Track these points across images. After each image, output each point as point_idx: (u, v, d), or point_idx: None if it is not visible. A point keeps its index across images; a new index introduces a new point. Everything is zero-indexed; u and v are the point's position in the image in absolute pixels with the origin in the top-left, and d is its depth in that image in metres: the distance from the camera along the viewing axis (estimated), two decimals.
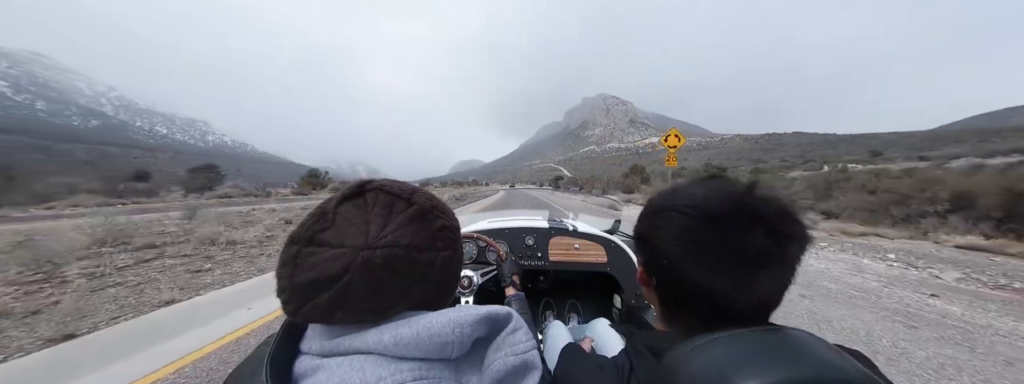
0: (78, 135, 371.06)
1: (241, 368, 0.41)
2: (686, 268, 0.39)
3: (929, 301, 3.17)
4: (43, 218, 9.62)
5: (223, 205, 14.66)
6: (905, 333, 2.48)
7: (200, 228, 6.45)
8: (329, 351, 0.35)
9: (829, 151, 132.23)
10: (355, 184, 0.41)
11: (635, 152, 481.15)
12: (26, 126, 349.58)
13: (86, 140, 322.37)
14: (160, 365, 2.01)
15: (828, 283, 3.74)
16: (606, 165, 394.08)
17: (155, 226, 6.96)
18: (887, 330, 2.52)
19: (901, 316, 2.79)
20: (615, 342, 0.82)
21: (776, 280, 0.38)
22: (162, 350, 2.19)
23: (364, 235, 0.35)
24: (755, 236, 0.37)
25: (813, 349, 0.32)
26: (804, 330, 0.34)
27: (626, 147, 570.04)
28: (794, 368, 0.29)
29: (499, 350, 0.37)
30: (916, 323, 2.65)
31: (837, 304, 3.09)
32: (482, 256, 1.40)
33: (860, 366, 0.31)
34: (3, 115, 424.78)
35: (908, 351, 2.21)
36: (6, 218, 9.90)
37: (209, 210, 9.55)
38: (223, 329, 2.51)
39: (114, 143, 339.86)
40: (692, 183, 0.44)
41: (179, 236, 6.08)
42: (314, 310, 0.34)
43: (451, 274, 0.43)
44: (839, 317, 2.77)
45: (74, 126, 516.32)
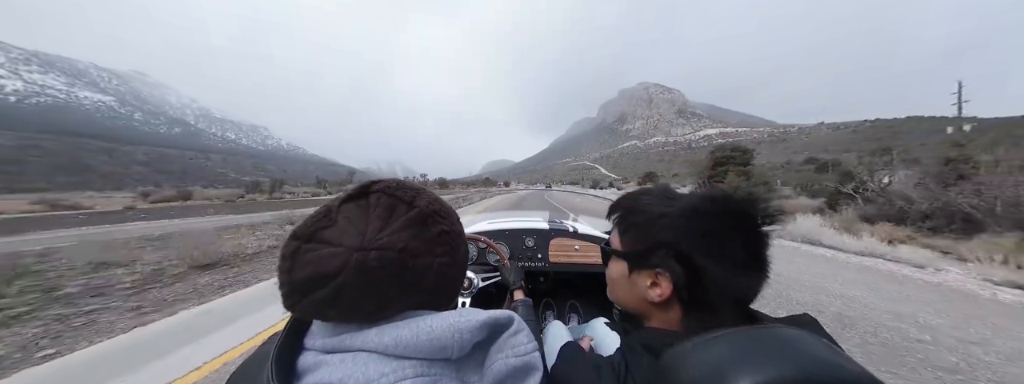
0: (161, 140, 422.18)
1: (247, 363, 0.41)
2: (716, 273, 0.42)
3: None
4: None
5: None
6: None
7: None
8: (331, 348, 0.36)
9: (984, 140, 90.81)
10: (361, 184, 0.41)
11: (686, 147, 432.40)
12: (121, 134, 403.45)
13: (164, 145, 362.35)
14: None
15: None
16: (653, 162, 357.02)
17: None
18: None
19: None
20: (613, 341, 0.83)
21: (756, 276, 0.42)
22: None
23: (361, 236, 0.35)
24: (738, 237, 0.42)
25: (811, 347, 0.32)
26: (801, 329, 0.35)
27: (674, 140, 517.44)
28: (792, 366, 0.29)
29: (500, 351, 0.37)
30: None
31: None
32: (482, 257, 1.39)
33: (858, 364, 0.30)
34: (109, 125, 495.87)
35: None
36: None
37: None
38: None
39: (190, 147, 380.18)
40: (691, 193, 0.48)
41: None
42: (309, 306, 0.34)
43: (449, 280, 0.42)
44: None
45: (161, 133, 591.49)
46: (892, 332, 2.72)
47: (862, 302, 3.44)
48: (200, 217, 16.28)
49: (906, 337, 2.63)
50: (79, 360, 2.40)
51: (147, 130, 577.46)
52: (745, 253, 0.42)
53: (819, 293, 3.74)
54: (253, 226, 9.23)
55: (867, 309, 3.23)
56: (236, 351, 2.46)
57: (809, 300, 3.53)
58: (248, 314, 3.18)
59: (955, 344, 2.52)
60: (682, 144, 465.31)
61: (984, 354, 2.38)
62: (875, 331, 2.75)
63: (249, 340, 2.63)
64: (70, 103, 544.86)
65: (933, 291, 3.84)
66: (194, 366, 2.23)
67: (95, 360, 2.39)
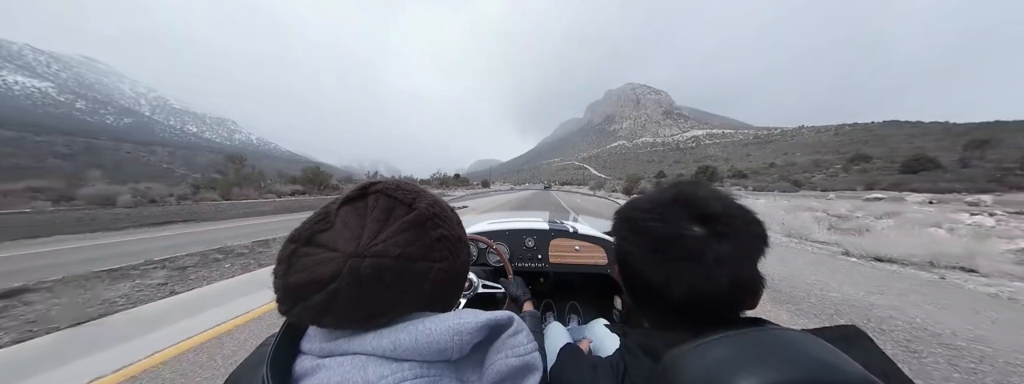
0: (103, 132, 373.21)
1: (242, 367, 0.40)
2: (635, 263, 0.44)
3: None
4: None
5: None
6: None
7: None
8: (328, 352, 0.35)
9: (963, 143, 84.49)
10: (359, 186, 0.40)
11: (675, 147, 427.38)
12: (55, 124, 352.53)
13: (107, 136, 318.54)
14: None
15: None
16: (642, 162, 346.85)
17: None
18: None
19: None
20: (612, 342, 0.82)
21: (705, 272, 0.39)
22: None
23: (356, 241, 0.35)
24: (689, 231, 0.40)
25: (811, 349, 0.31)
26: (801, 331, 0.34)
27: (662, 141, 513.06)
28: (792, 369, 0.29)
29: (500, 351, 0.37)
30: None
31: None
32: (482, 258, 1.41)
33: (858, 366, 0.30)
34: (40, 113, 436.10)
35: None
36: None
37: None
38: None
39: (139, 140, 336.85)
40: (654, 189, 0.49)
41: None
42: (304, 311, 0.34)
43: (447, 285, 0.41)
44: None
45: (107, 124, 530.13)
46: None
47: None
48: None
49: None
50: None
51: (89, 120, 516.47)
52: (658, 238, 0.41)
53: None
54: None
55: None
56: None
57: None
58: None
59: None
60: (671, 145, 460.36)
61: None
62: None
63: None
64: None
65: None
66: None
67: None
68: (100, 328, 2.41)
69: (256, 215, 11.64)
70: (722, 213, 0.41)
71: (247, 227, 8.47)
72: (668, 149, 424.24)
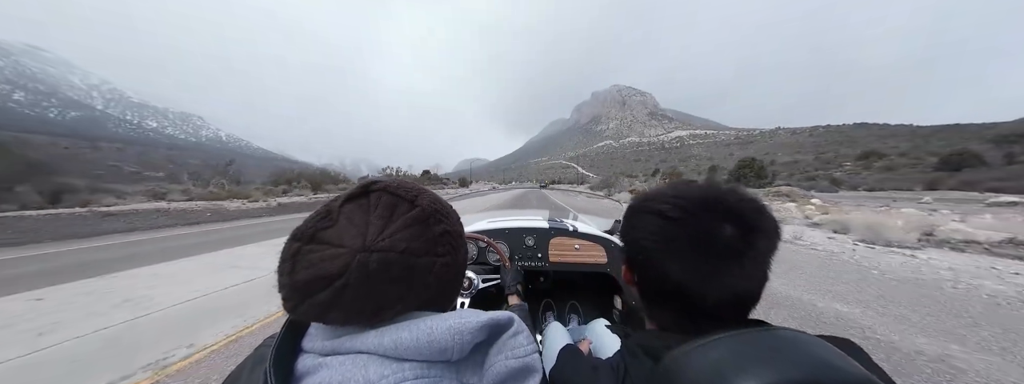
0: (42, 126, 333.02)
1: (241, 367, 0.40)
2: (659, 263, 0.41)
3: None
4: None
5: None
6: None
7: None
8: (331, 350, 0.35)
9: (937, 144, 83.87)
10: (361, 184, 0.41)
11: (661, 147, 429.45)
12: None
13: (44, 131, 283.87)
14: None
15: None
16: (629, 162, 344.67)
17: None
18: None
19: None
20: (612, 343, 0.81)
21: (745, 272, 0.39)
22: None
23: (362, 236, 0.35)
24: (722, 230, 0.39)
25: (812, 350, 0.31)
26: (802, 331, 0.34)
27: (648, 141, 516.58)
28: (794, 369, 0.29)
29: (500, 353, 0.37)
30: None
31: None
32: (482, 256, 1.42)
33: (859, 367, 0.30)
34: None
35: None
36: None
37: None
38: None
39: (87, 136, 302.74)
40: (667, 185, 0.47)
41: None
42: (311, 308, 0.34)
43: (450, 280, 0.42)
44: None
45: (48, 117, 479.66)
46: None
47: None
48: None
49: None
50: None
51: (27, 113, 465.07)
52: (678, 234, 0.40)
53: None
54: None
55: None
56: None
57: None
58: None
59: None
60: (656, 144, 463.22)
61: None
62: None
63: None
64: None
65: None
66: None
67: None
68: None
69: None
70: (750, 211, 0.40)
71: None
72: (654, 149, 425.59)
